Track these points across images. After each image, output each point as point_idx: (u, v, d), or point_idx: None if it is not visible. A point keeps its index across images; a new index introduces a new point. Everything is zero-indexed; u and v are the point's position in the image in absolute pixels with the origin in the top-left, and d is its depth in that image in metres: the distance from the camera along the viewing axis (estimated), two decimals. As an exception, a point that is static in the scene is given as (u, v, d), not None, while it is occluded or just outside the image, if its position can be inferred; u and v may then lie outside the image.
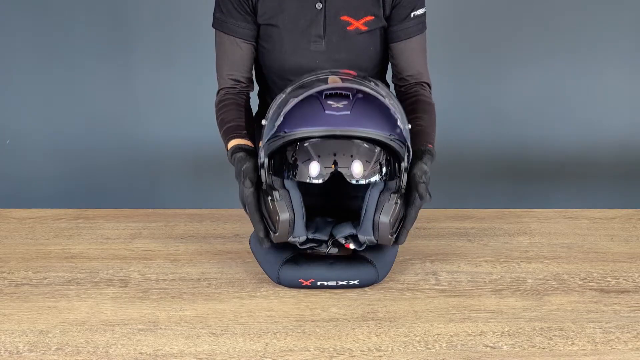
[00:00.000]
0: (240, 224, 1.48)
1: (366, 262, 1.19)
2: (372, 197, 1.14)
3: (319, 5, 1.39)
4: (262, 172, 1.14)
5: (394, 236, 1.17)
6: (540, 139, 2.86)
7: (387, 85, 1.39)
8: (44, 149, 2.85)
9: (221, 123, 1.40)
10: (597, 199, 2.85)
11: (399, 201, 1.14)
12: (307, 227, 1.17)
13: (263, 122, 1.18)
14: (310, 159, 1.09)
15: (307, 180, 1.09)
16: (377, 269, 1.19)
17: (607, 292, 1.20)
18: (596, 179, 2.89)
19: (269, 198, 1.14)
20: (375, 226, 1.14)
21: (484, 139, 2.85)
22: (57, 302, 1.16)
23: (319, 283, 1.18)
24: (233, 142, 1.31)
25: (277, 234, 1.15)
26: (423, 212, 1.54)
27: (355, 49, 1.40)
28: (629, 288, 1.22)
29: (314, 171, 1.08)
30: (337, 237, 1.19)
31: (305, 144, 1.10)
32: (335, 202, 1.26)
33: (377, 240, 1.16)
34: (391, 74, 1.51)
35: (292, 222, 1.13)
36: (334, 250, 1.19)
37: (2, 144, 2.86)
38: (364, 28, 1.40)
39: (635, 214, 1.56)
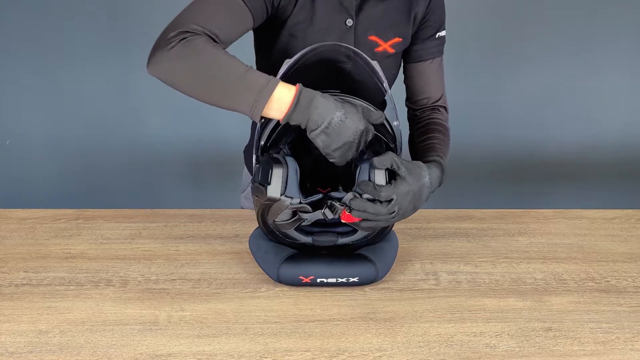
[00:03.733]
0: (240, 224, 1.48)
1: (366, 260, 1.19)
2: (364, 163, 1.14)
3: (349, 22, 1.31)
4: (259, 138, 1.18)
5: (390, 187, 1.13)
6: (540, 139, 2.86)
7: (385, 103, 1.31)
8: (44, 149, 2.86)
9: (225, 58, 1.10)
10: (597, 199, 2.85)
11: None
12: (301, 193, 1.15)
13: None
14: None
15: None
16: (376, 267, 1.19)
17: (607, 292, 1.20)
18: (596, 179, 2.89)
19: (264, 161, 1.15)
20: (371, 178, 1.12)
21: (484, 140, 2.86)
22: (57, 302, 1.16)
23: (318, 280, 1.18)
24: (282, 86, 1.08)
25: (270, 185, 1.12)
26: (423, 212, 1.55)
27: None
28: (629, 288, 1.22)
29: None
30: (332, 197, 1.15)
31: None
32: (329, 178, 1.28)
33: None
34: (405, 96, 1.46)
35: (286, 176, 1.13)
36: (329, 214, 1.14)
37: (2, 144, 2.87)
38: (391, 51, 1.34)
39: (635, 214, 1.56)
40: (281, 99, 1.06)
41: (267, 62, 1.37)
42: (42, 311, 1.13)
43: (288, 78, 1.17)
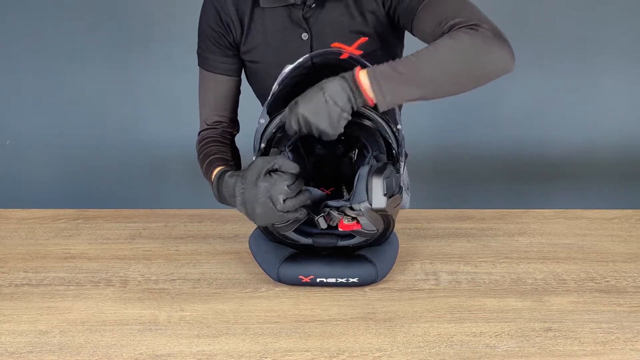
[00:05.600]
0: (240, 224, 1.48)
1: (366, 261, 1.20)
2: (362, 169, 1.12)
3: (304, 36, 1.29)
4: (261, 136, 1.17)
5: (389, 200, 1.09)
6: (540, 140, 2.86)
7: None
8: (44, 149, 2.86)
9: (203, 158, 1.32)
10: (597, 199, 2.85)
11: (392, 168, 1.12)
12: None
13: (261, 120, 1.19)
14: None
15: None
16: (376, 267, 1.19)
17: (607, 292, 1.20)
18: (596, 179, 2.89)
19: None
20: (368, 188, 1.09)
21: (484, 140, 2.85)
22: (57, 303, 1.16)
23: (318, 280, 1.18)
24: (219, 169, 1.24)
25: None
26: (423, 212, 1.55)
27: None
28: (629, 288, 1.22)
29: None
30: (329, 205, 1.12)
31: None
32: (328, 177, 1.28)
33: (370, 205, 1.09)
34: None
35: None
36: (323, 224, 1.12)
37: (2, 144, 2.87)
38: (358, 53, 1.18)
39: (635, 214, 1.56)
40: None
41: (253, 88, 1.43)
42: (42, 311, 1.13)
43: (289, 81, 1.17)
